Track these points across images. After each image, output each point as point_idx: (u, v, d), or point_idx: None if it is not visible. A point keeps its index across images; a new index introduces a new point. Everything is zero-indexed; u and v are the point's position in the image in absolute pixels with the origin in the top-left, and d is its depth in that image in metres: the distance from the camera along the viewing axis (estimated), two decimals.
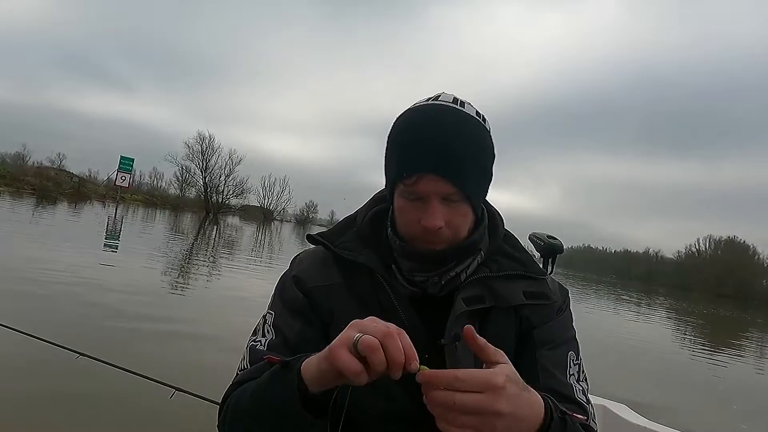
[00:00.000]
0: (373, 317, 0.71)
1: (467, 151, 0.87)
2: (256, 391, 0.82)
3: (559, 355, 0.95)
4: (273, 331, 0.96)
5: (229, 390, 0.92)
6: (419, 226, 0.89)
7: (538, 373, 0.91)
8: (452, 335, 0.88)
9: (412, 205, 0.90)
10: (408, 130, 0.90)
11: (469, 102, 0.94)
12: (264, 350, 0.93)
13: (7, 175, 38.39)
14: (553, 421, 0.73)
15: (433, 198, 0.87)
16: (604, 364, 8.11)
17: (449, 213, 0.88)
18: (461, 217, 0.90)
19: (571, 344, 0.98)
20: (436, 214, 0.87)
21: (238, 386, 0.90)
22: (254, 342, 0.96)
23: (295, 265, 1.04)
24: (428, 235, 0.89)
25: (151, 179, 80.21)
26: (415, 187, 0.87)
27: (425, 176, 0.86)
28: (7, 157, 61.86)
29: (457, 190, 0.87)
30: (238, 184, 63.61)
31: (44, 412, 3.54)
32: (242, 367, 0.94)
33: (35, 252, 10.22)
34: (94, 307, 6.58)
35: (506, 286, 0.96)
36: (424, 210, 0.88)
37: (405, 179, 0.87)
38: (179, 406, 2.65)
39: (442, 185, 0.86)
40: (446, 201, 0.88)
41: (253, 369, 0.90)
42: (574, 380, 0.94)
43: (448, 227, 0.89)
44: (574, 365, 0.95)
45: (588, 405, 0.92)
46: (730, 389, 8.60)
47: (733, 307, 45.90)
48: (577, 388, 0.93)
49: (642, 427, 1.95)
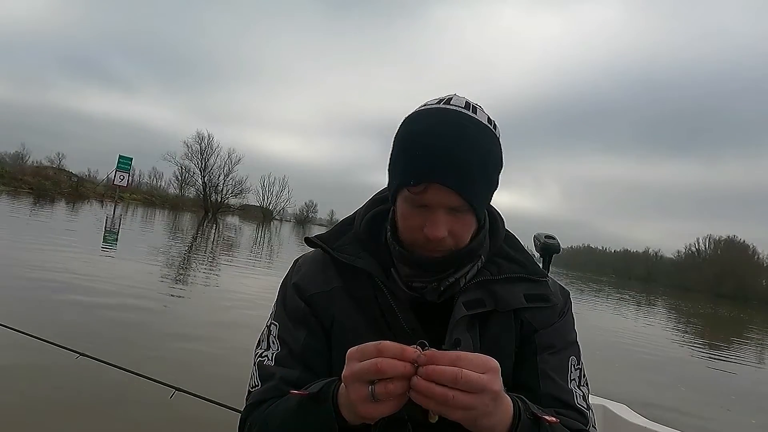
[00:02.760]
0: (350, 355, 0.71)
1: (477, 162, 0.84)
2: (286, 423, 0.83)
3: (561, 360, 0.94)
4: (278, 343, 0.96)
5: (246, 411, 0.92)
6: (421, 234, 0.87)
7: (538, 377, 0.91)
8: (453, 340, 0.87)
9: (415, 211, 0.87)
10: (417, 136, 0.86)
11: (481, 107, 0.91)
12: (272, 365, 0.93)
13: (5, 175, 38.30)
14: (521, 421, 0.75)
15: (439, 209, 0.85)
16: (604, 364, 8.11)
17: (453, 222, 0.87)
18: (464, 227, 0.89)
19: (572, 348, 0.97)
20: (440, 225, 0.85)
21: (254, 408, 0.91)
22: (261, 357, 0.96)
23: (294, 271, 1.03)
24: (430, 243, 0.88)
25: (150, 179, 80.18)
26: (422, 196, 0.85)
27: (433, 186, 0.83)
28: (6, 157, 61.81)
29: (464, 202, 0.85)
30: (237, 184, 63.63)
31: (44, 412, 3.54)
32: (253, 384, 0.94)
33: (34, 252, 10.19)
34: (93, 307, 6.56)
35: (507, 289, 0.95)
36: (428, 218, 0.86)
37: (411, 187, 0.85)
38: (179, 406, 2.65)
39: (450, 197, 0.84)
40: (451, 211, 0.86)
41: (267, 389, 0.91)
42: (574, 385, 0.93)
43: (450, 236, 0.87)
44: (575, 370, 0.95)
45: (588, 411, 0.92)
46: (735, 388, 8.60)
47: (732, 306, 45.91)
48: (577, 394, 0.93)
49: (642, 427, 1.95)
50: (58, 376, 3.87)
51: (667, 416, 5.73)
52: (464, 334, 0.89)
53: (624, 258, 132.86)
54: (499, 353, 0.73)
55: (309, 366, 0.92)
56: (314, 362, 0.92)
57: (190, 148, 59.61)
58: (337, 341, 0.94)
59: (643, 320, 18.68)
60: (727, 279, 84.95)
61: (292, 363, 0.92)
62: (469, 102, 0.89)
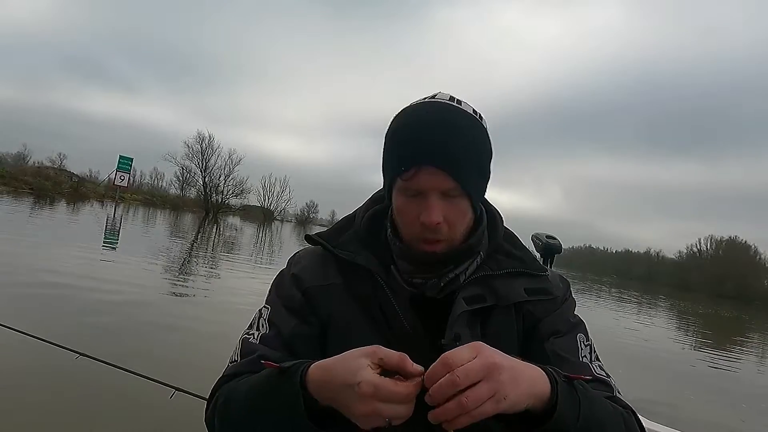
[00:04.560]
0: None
1: (466, 146, 0.87)
2: (251, 392, 0.81)
3: (569, 340, 0.94)
4: (267, 325, 0.95)
5: (219, 383, 0.91)
6: (418, 224, 0.88)
7: (552, 362, 0.90)
8: (453, 335, 0.87)
9: (410, 201, 0.89)
10: (406, 126, 0.89)
11: (466, 101, 0.93)
12: (257, 343, 0.92)
13: (5, 175, 38.31)
14: (558, 383, 0.74)
15: (432, 193, 0.86)
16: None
17: (448, 208, 0.88)
18: (460, 214, 0.90)
19: (578, 328, 0.98)
20: (435, 210, 0.86)
21: (228, 380, 0.90)
22: (247, 335, 0.96)
23: (293, 264, 1.03)
24: (427, 232, 0.88)
25: (152, 179, 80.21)
26: (414, 181, 0.86)
27: (424, 169, 0.85)
28: (8, 157, 61.85)
29: (457, 184, 0.86)
30: (238, 184, 63.57)
31: (44, 412, 3.54)
32: (233, 359, 0.93)
33: (34, 252, 10.22)
34: (93, 307, 6.57)
35: (507, 283, 0.95)
36: (422, 206, 0.87)
37: (403, 173, 0.86)
38: (179, 406, 2.64)
39: (442, 179, 0.85)
40: (445, 196, 0.87)
41: (244, 363, 0.90)
42: (588, 360, 0.93)
43: (446, 223, 0.88)
44: (585, 346, 0.95)
45: (609, 378, 0.92)
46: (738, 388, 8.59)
47: (732, 307, 45.85)
48: (593, 366, 0.92)
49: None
50: (58, 376, 3.87)
51: (665, 416, 5.72)
52: (464, 329, 0.89)
53: (625, 258, 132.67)
54: (501, 348, 0.72)
55: (295, 352, 0.90)
56: (301, 350, 0.91)
57: (191, 149, 59.63)
58: (334, 338, 0.94)
59: (646, 320, 18.66)
60: (728, 279, 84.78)
61: (277, 345, 0.92)
62: (453, 96, 0.92)
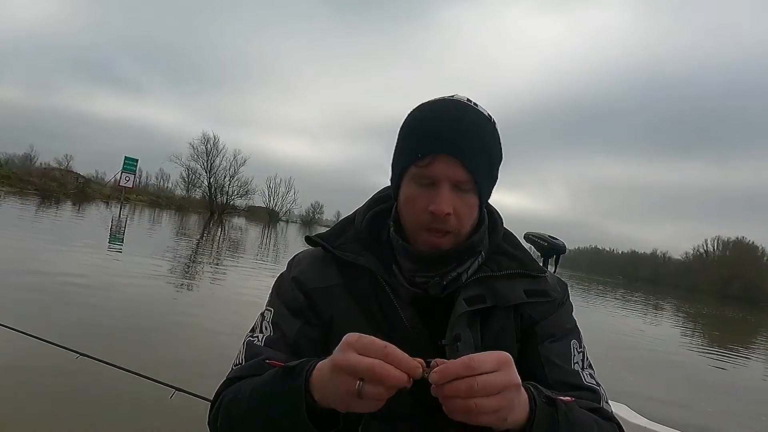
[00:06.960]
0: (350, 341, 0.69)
1: (482, 145, 0.89)
2: (254, 393, 0.81)
3: (563, 346, 0.96)
4: (271, 327, 0.96)
5: (223, 386, 0.92)
6: (427, 214, 0.88)
7: (543, 366, 0.92)
8: (453, 335, 0.88)
9: (421, 190, 0.89)
10: (426, 118, 0.91)
11: (481, 105, 0.95)
12: (261, 346, 0.93)
13: (11, 176, 38.52)
14: (537, 405, 0.74)
15: (444, 183, 0.87)
16: (611, 365, 8.07)
17: (458, 201, 0.88)
18: (468, 208, 0.91)
19: (573, 333, 0.99)
20: (446, 200, 0.87)
21: (232, 382, 0.90)
22: (251, 338, 0.96)
23: (293, 266, 1.04)
24: (435, 222, 0.88)
25: (158, 180, 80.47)
26: (429, 168, 0.87)
27: (440, 157, 0.86)
28: (15, 159, 62.21)
29: (469, 178, 0.87)
30: (243, 185, 63.71)
31: (44, 412, 3.55)
32: (237, 362, 0.94)
33: (35, 252, 10.26)
34: (94, 307, 6.60)
35: (507, 285, 0.96)
36: (433, 195, 0.88)
37: (419, 161, 0.87)
38: (179, 406, 2.65)
39: (457, 169, 0.86)
40: (456, 189, 0.88)
41: (248, 366, 0.90)
42: (579, 368, 0.95)
43: (455, 216, 0.89)
44: (578, 353, 0.96)
45: (598, 387, 0.93)
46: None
47: (739, 308, 45.57)
48: (584, 374, 0.94)
49: (642, 427, 1.94)
50: (58, 376, 3.87)
51: (666, 415, 5.68)
52: (465, 329, 0.90)
53: (631, 259, 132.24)
54: (500, 349, 0.72)
55: (299, 354, 0.90)
56: (306, 351, 0.91)
57: (196, 150, 59.85)
58: (337, 339, 0.93)
59: (652, 322, 18.58)
60: (735, 280, 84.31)
61: (282, 347, 0.92)
62: (470, 99, 0.94)
